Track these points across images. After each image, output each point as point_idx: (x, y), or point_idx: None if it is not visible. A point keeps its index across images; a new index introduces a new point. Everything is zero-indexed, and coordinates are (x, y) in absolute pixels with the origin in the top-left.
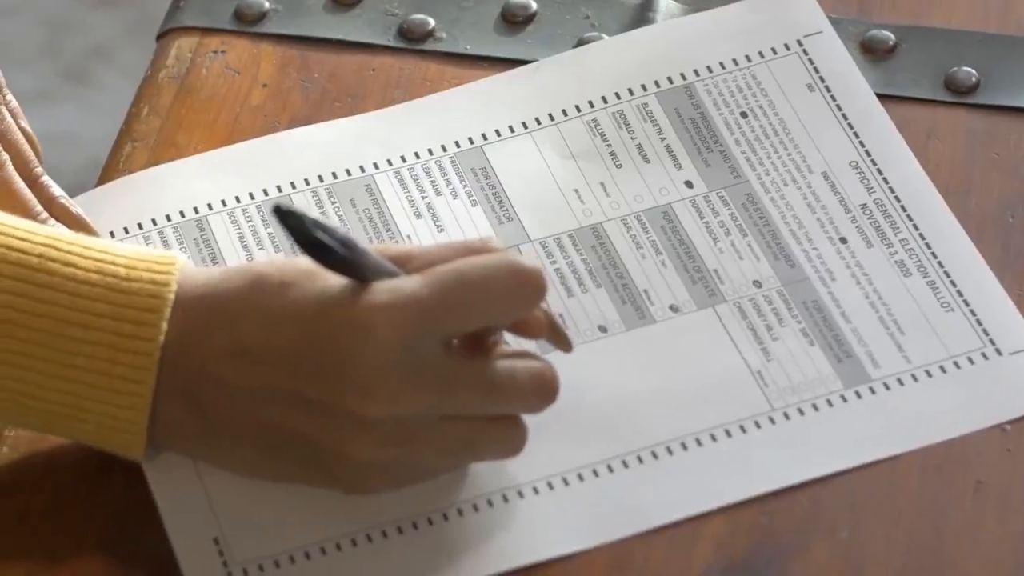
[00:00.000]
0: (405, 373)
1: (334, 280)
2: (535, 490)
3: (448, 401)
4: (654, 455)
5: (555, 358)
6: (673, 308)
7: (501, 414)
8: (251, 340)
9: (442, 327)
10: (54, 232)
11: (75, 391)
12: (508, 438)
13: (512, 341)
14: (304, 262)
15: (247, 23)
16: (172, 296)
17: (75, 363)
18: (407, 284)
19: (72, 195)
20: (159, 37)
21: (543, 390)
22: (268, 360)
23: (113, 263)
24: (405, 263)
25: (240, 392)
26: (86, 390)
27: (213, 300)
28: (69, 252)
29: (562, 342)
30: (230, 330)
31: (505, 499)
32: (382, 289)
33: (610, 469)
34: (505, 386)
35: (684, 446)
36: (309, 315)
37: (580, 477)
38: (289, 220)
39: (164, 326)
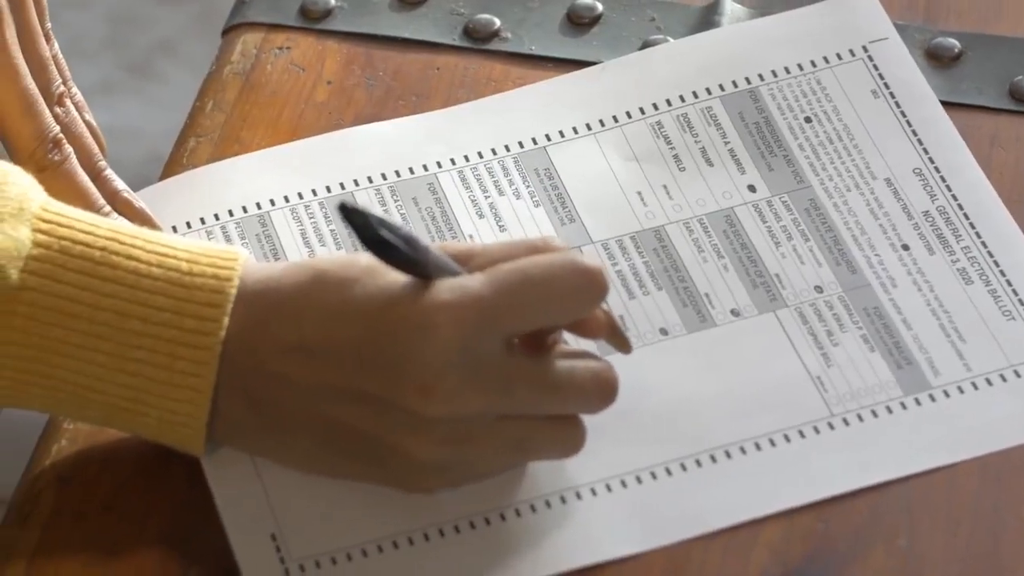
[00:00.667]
0: (465, 372)
1: (396, 277)
2: (593, 492)
3: (507, 400)
4: (712, 459)
5: (616, 360)
6: (734, 312)
7: (560, 414)
8: (312, 336)
9: (503, 326)
10: (117, 225)
11: (136, 384)
12: (566, 438)
13: (572, 342)
14: (365, 259)
15: (312, 20)
16: (234, 291)
17: (136, 356)
18: (469, 282)
19: (134, 189)
20: (224, 32)
21: (603, 390)
22: (328, 356)
23: (175, 257)
24: (467, 261)
25: (300, 388)
26: (147, 383)
27: (274, 295)
28: (132, 246)
29: (621, 343)
30: (291, 326)
31: (563, 500)
32: (444, 287)
33: (668, 472)
34: (564, 386)
35: (743, 450)
36: (371, 312)
37: (638, 479)
38: (353, 217)
39: (226, 321)
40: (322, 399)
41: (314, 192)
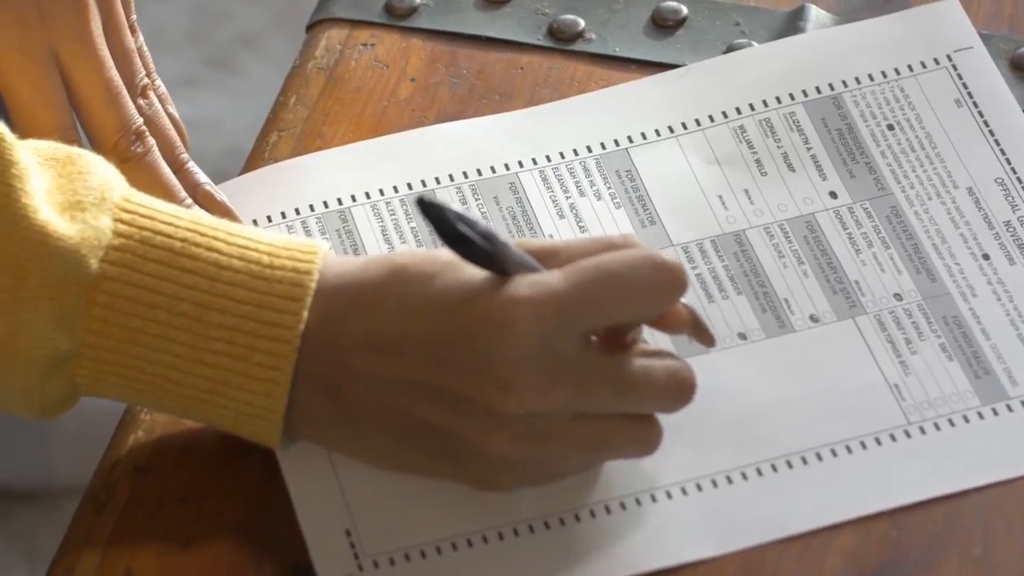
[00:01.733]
0: (543, 369)
1: (475, 273)
2: (668, 495)
3: (584, 397)
4: (789, 464)
5: (694, 363)
6: (813, 318)
7: (637, 413)
8: (390, 330)
9: (582, 322)
10: (199, 217)
11: (214, 376)
12: (643, 437)
13: (652, 339)
14: (444, 254)
15: (397, 17)
16: (314, 285)
17: (214, 348)
18: (548, 278)
19: (214, 182)
20: (309, 28)
21: (680, 390)
22: (406, 351)
23: (256, 250)
24: (548, 258)
25: (377, 382)
26: (225, 375)
27: (354, 290)
28: (213, 237)
29: (704, 336)
30: (369, 319)
31: (638, 502)
32: (522, 283)
33: (744, 476)
34: (641, 384)
35: (819, 456)
36: (449, 307)
37: (714, 483)
38: (432, 212)
39: (305, 315)
40: (399, 394)
41: (395, 189)
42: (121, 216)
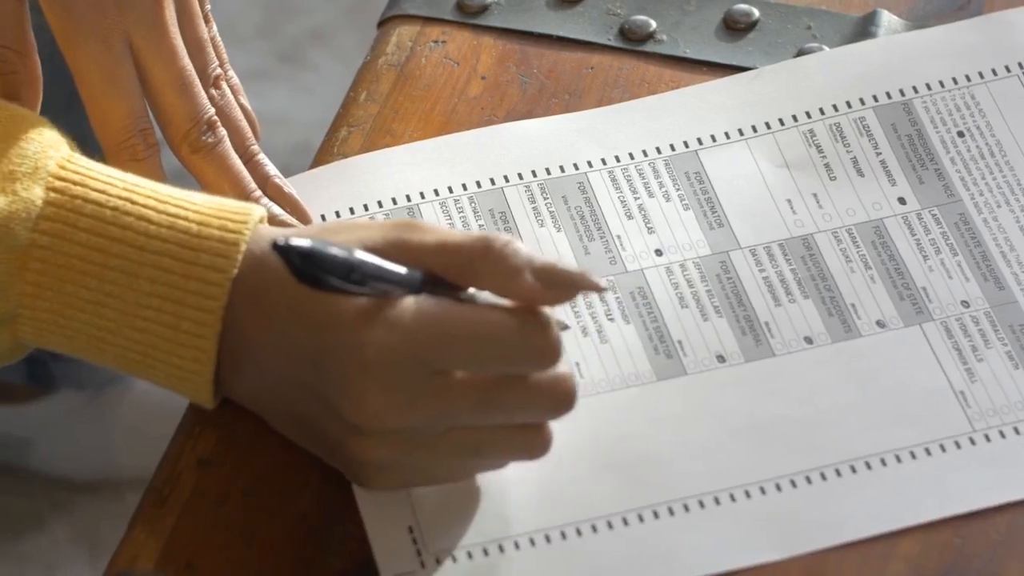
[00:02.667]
0: (396, 396)
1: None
2: (732, 497)
3: (446, 420)
4: (852, 469)
5: (761, 366)
6: (880, 323)
7: (510, 424)
8: (278, 327)
9: (435, 364)
10: (134, 184)
11: (144, 340)
12: (525, 445)
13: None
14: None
15: (469, 15)
16: (240, 256)
17: (144, 315)
18: (407, 320)
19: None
20: (380, 24)
21: (557, 403)
22: (292, 347)
23: (186, 219)
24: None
25: (271, 370)
26: (154, 340)
27: (264, 275)
28: (144, 206)
29: (582, 285)
30: (271, 308)
31: (701, 504)
32: (380, 319)
33: (808, 481)
34: (509, 403)
35: (883, 462)
36: (320, 319)
37: (777, 487)
38: (283, 255)
39: (228, 286)
40: (286, 385)
41: (464, 186)
42: (54, 184)
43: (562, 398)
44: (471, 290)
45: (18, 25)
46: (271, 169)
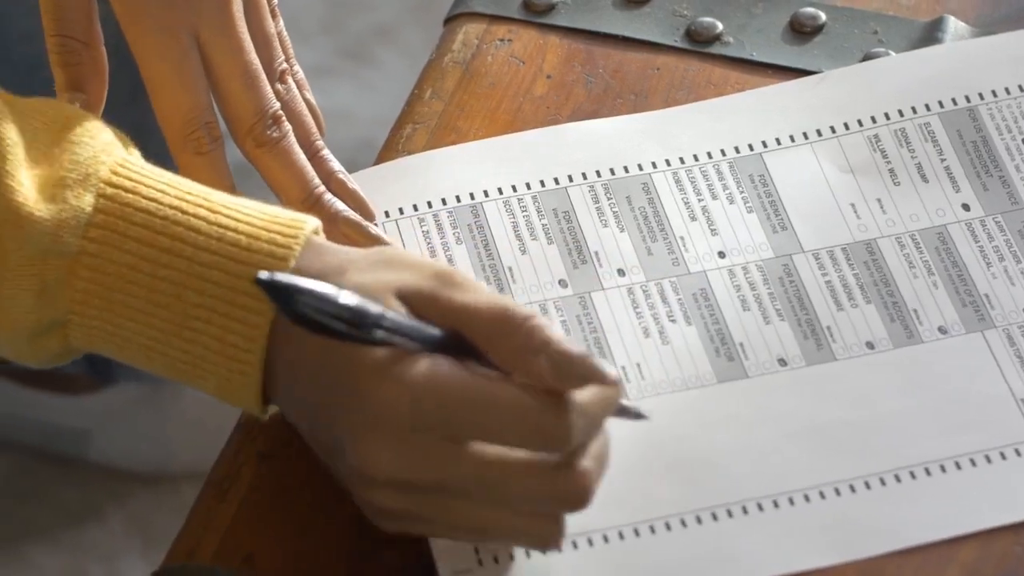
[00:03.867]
0: (404, 455)
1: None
2: (791, 501)
3: (451, 489)
4: (912, 475)
5: (823, 369)
6: (942, 330)
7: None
8: (306, 357)
9: (439, 430)
10: (186, 192)
11: (193, 351)
12: (537, 535)
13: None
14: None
15: (535, 13)
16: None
17: (192, 326)
18: (418, 384)
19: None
20: (447, 21)
21: (569, 502)
22: (314, 381)
23: (236, 231)
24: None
25: (302, 395)
26: (203, 351)
27: None
28: (195, 216)
29: (594, 377)
30: (301, 339)
31: (760, 507)
32: (394, 376)
33: (867, 486)
34: (515, 495)
35: (943, 468)
36: (340, 363)
37: (836, 491)
38: (275, 295)
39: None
40: (310, 415)
41: (528, 185)
42: (105, 192)
43: (575, 496)
44: None
45: (85, 16)
46: (335, 165)
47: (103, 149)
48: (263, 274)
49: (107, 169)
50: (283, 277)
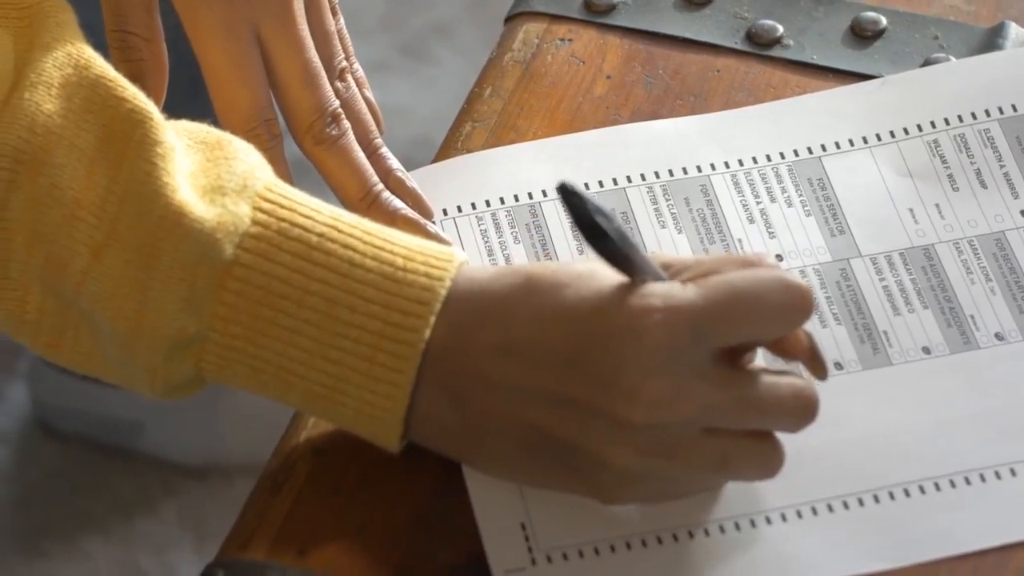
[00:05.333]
0: (672, 379)
1: (607, 283)
2: (845, 504)
3: (711, 411)
4: (967, 481)
5: (875, 376)
6: (998, 336)
7: (760, 429)
8: (520, 339)
9: (713, 337)
10: (338, 214)
11: (337, 372)
12: (768, 458)
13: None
14: (580, 265)
15: (596, 14)
16: (444, 292)
17: (340, 345)
18: (681, 291)
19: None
20: (507, 20)
21: (805, 407)
22: (536, 359)
23: (391, 252)
24: (676, 273)
25: (504, 391)
26: (347, 373)
27: (485, 297)
28: (350, 235)
29: (818, 367)
30: (500, 328)
31: (814, 511)
32: (655, 293)
33: (921, 490)
34: (768, 401)
35: (997, 475)
36: (580, 316)
37: (891, 495)
38: (571, 199)
39: (432, 320)
40: (526, 403)
41: (587, 185)
42: (261, 205)
43: (810, 404)
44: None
45: (146, 12)
46: (394, 163)
47: (257, 166)
48: (567, 183)
49: (263, 185)
50: (578, 187)
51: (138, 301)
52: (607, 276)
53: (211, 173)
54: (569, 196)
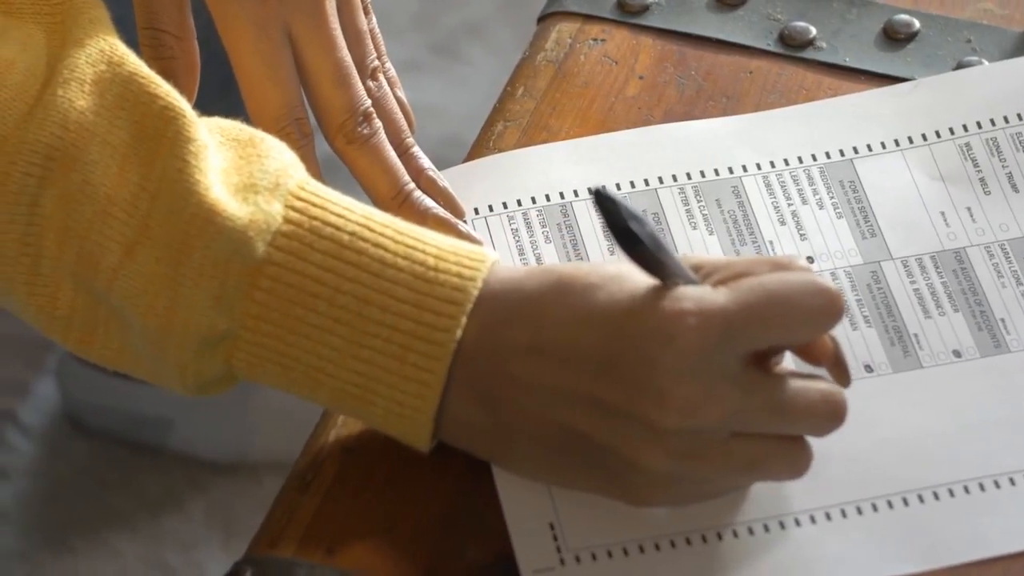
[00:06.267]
0: (704, 383)
1: (639, 284)
2: (874, 507)
3: (742, 415)
4: (996, 484)
5: (908, 378)
6: None
7: (790, 434)
8: (552, 339)
9: (745, 341)
10: (371, 212)
11: (367, 372)
12: (795, 460)
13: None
14: (609, 267)
15: (629, 14)
16: (476, 292)
17: (370, 344)
18: (713, 294)
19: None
20: (540, 19)
21: (833, 412)
22: (567, 360)
23: (423, 251)
24: (707, 275)
25: (535, 391)
26: (378, 372)
27: (517, 297)
28: (382, 234)
29: (842, 374)
30: (531, 328)
31: (843, 514)
32: (687, 296)
33: (951, 494)
34: (798, 404)
35: None
36: (613, 318)
37: (920, 499)
38: (606, 205)
39: (463, 320)
40: (557, 403)
41: (618, 186)
42: (294, 204)
43: (839, 408)
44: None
45: (177, 10)
46: (425, 162)
47: (290, 164)
48: (601, 188)
49: (295, 183)
50: (613, 192)
51: (169, 298)
52: (639, 279)
53: (244, 171)
54: (604, 201)
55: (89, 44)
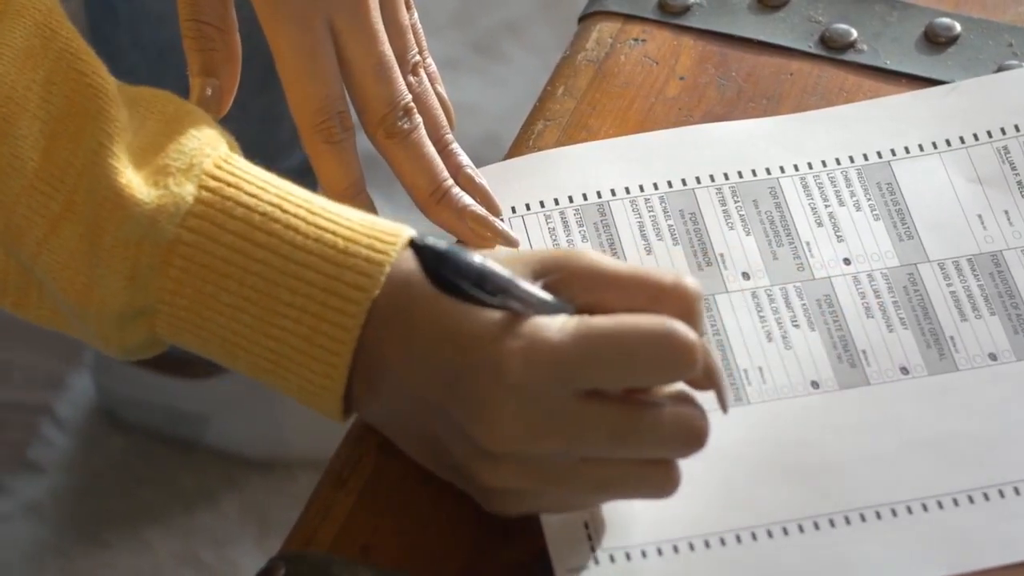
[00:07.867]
0: (533, 418)
1: (498, 313)
2: (909, 510)
3: (578, 446)
4: None
5: (943, 380)
6: None
7: (644, 458)
8: (419, 347)
9: (580, 379)
10: (287, 191)
11: (277, 350)
12: (655, 482)
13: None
14: None
15: (671, 14)
16: (383, 278)
17: (280, 324)
18: (549, 332)
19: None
20: (581, 19)
21: (687, 438)
22: (429, 371)
23: (335, 233)
24: (601, 289)
25: (406, 390)
26: (288, 351)
27: (410, 293)
28: (295, 215)
29: (720, 401)
30: (410, 331)
31: (878, 516)
32: (523, 334)
33: (985, 497)
34: (643, 433)
35: None
36: (462, 342)
37: (955, 502)
38: (421, 255)
39: (368, 306)
40: (420, 408)
41: (655, 186)
42: (208, 183)
43: (694, 434)
44: None
45: (220, 2)
46: (464, 159)
47: (208, 143)
48: (417, 237)
49: (211, 162)
50: (431, 240)
51: (87, 276)
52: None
53: (162, 150)
54: (417, 251)
55: (25, 15)
